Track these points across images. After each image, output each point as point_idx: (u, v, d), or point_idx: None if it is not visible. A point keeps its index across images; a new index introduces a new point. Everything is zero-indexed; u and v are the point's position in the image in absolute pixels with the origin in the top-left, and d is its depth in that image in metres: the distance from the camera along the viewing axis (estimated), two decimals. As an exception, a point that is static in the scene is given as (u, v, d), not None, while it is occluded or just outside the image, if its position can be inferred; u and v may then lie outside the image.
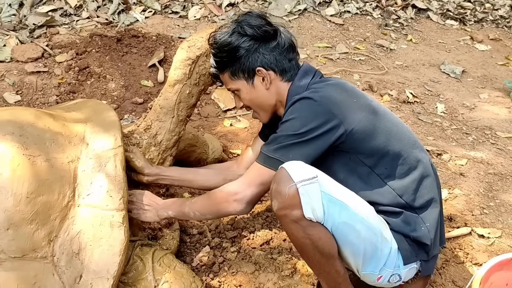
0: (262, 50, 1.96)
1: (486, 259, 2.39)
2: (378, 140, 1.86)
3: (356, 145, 1.84)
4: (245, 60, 1.95)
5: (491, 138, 3.61)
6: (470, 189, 2.95)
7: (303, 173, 1.71)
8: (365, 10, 5.34)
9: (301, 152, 1.80)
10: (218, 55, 2.00)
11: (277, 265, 2.27)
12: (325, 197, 1.71)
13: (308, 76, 2.00)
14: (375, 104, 1.95)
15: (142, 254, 2.01)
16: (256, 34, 1.94)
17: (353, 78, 4.20)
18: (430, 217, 1.91)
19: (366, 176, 1.88)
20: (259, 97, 2.01)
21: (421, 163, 1.92)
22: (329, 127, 1.79)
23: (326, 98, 1.83)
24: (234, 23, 1.98)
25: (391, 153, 1.87)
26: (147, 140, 2.25)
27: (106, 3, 4.48)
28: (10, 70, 3.59)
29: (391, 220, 1.88)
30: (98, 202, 1.88)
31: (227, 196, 1.90)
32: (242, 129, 3.40)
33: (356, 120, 1.83)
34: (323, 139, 1.80)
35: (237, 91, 2.04)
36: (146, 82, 3.72)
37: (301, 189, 1.68)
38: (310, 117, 1.80)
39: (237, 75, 1.99)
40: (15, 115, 1.94)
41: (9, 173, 1.75)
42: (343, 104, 1.84)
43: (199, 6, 4.78)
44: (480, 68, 4.79)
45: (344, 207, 1.75)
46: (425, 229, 1.88)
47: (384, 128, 1.88)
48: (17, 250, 1.72)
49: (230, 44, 1.95)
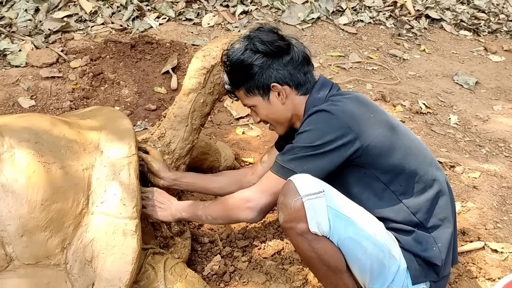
0: (276, 66, 1.94)
1: (499, 274, 2.37)
2: (394, 157, 1.84)
3: (372, 161, 1.83)
4: (259, 77, 1.94)
5: (505, 151, 3.58)
6: (484, 202, 2.93)
7: (309, 187, 1.72)
8: (378, 20, 5.33)
9: (315, 165, 1.80)
10: (231, 73, 2.00)
11: (288, 276, 2.26)
12: (331, 212, 1.72)
13: (325, 88, 1.98)
14: (393, 121, 1.94)
15: (154, 263, 2.01)
16: (269, 50, 1.93)
17: (365, 88, 4.19)
18: (442, 237, 1.88)
19: (381, 192, 1.87)
20: (276, 112, 2.00)
21: (437, 181, 1.90)
22: (345, 141, 1.78)
23: (343, 111, 1.82)
24: (246, 39, 1.97)
25: (407, 171, 1.85)
26: (161, 148, 2.26)
27: (120, 10, 4.51)
28: (25, 75, 3.62)
29: (402, 238, 1.86)
30: (112, 210, 1.89)
31: (240, 203, 1.91)
32: (254, 137, 3.40)
33: (373, 135, 1.82)
34: (339, 153, 1.80)
35: (254, 107, 2.03)
36: (159, 88, 3.73)
37: (307, 203, 1.69)
38: (326, 129, 1.80)
39: (252, 91, 1.98)
40: (31, 122, 1.96)
41: (25, 180, 1.77)
42: (360, 118, 1.83)
43: (213, 13, 4.79)
44: (494, 80, 4.76)
45: (351, 223, 1.75)
46: (436, 249, 1.85)
47: (401, 145, 1.86)
48: (30, 257, 1.73)
49: (243, 62, 1.94)
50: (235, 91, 2.04)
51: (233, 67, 1.98)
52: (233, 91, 2.06)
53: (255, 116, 2.08)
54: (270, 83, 1.94)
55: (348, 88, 4.14)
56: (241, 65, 1.95)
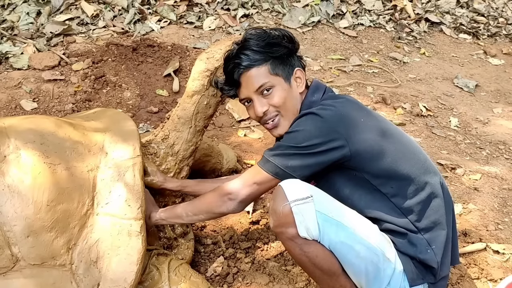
0: (295, 56, 2.00)
1: (501, 275, 2.38)
2: (384, 162, 1.83)
3: (362, 165, 1.83)
4: (287, 58, 1.96)
5: (505, 153, 3.60)
6: (485, 204, 2.94)
7: (298, 192, 1.72)
8: (379, 23, 5.36)
9: (300, 162, 1.80)
10: (259, 47, 1.92)
11: (291, 277, 2.27)
12: (321, 217, 1.72)
13: (319, 91, 1.99)
14: (385, 125, 1.92)
15: (158, 264, 2.02)
16: (291, 40, 1.98)
17: (366, 91, 4.21)
18: (436, 240, 1.86)
19: (372, 193, 1.86)
20: (293, 98, 1.97)
21: (429, 184, 1.88)
22: (332, 146, 1.78)
23: (333, 116, 1.82)
24: (265, 31, 1.99)
25: (398, 175, 1.84)
26: (165, 149, 2.27)
27: (122, 13, 4.53)
28: (27, 77, 3.64)
29: (397, 240, 1.86)
30: (117, 211, 1.90)
31: (220, 196, 1.92)
32: (256, 139, 3.42)
33: (362, 140, 1.81)
34: (325, 156, 1.79)
35: (272, 88, 1.92)
36: (161, 91, 3.75)
37: (295, 208, 1.70)
38: (314, 132, 1.80)
39: (277, 70, 1.93)
40: (36, 123, 1.97)
41: (30, 181, 1.78)
42: (350, 123, 1.82)
43: (214, 16, 4.82)
44: (494, 83, 4.79)
45: (341, 227, 1.75)
46: (431, 252, 1.84)
47: (392, 149, 1.85)
48: (36, 258, 1.74)
49: (276, 38, 1.95)
50: (253, 68, 1.92)
51: (263, 41, 1.93)
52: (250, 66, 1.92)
53: (259, 107, 1.94)
54: (296, 66, 1.98)
55: (349, 91, 4.16)
56: (274, 40, 1.94)
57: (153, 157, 2.25)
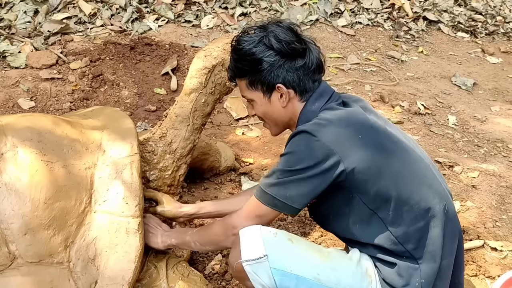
0: (287, 67, 1.79)
1: (499, 272, 2.39)
2: (382, 183, 1.69)
3: (358, 186, 1.69)
4: (266, 74, 1.79)
5: (503, 151, 3.60)
6: (483, 201, 2.95)
7: (252, 252, 1.68)
8: (377, 22, 5.36)
9: (298, 191, 1.70)
10: (238, 61, 1.85)
11: (289, 275, 2.26)
12: (277, 273, 1.67)
13: (322, 98, 1.84)
14: (388, 141, 1.77)
15: (156, 261, 2.02)
16: (283, 50, 1.77)
17: (364, 89, 4.22)
18: (428, 272, 1.73)
19: (368, 217, 1.74)
20: (274, 112, 1.87)
21: (431, 210, 1.73)
22: (326, 166, 1.66)
23: (326, 133, 1.69)
24: (262, 30, 1.82)
25: (397, 199, 1.70)
26: (162, 147, 2.26)
27: (120, 12, 4.52)
28: (25, 76, 3.63)
29: (385, 269, 1.76)
30: (114, 208, 1.90)
31: (225, 230, 1.84)
32: (254, 138, 3.42)
33: (358, 159, 1.67)
34: (321, 178, 1.68)
35: (252, 101, 1.90)
36: (159, 90, 3.74)
37: (247, 267, 1.68)
38: (307, 153, 1.68)
39: (255, 86, 1.83)
40: (34, 121, 1.96)
41: (28, 179, 1.77)
42: (345, 140, 1.69)
43: (212, 15, 4.81)
44: (491, 81, 4.79)
45: (302, 280, 1.69)
46: (419, 285, 1.72)
47: (392, 170, 1.71)
48: (34, 255, 1.74)
49: (253, 54, 1.79)
50: (237, 79, 1.90)
51: (241, 56, 1.82)
52: (234, 77, 1.92)
53: (250, 110, 1.96)
54: (276, 83, 1.80)
55: (347, 89, 4.16)
56: (251, 57, 1.79)
57: (151, 155, 2.25)
